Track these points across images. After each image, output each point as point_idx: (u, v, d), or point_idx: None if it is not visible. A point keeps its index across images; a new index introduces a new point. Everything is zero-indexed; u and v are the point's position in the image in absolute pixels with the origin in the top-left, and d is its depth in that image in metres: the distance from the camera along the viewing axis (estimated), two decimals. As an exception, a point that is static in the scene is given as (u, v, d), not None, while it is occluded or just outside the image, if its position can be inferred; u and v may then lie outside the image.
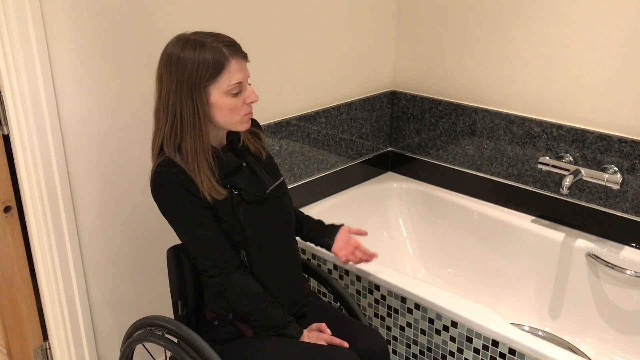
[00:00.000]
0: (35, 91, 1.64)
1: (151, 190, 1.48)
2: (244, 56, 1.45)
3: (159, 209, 1.50)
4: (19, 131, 1.67)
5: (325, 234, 1.78)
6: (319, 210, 2.38)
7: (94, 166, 1.82)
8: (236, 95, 1.44)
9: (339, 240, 1.77)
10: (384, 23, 2.59)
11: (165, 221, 1.52)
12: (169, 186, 1.44)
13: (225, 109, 1.44)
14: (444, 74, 2.53)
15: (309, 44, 2.31)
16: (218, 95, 1.43)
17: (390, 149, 2.80)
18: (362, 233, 1.83)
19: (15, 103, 1.65)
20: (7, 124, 1.70)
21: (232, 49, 1.42)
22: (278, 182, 1.61)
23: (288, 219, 1.65)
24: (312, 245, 1.83)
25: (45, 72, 1.64)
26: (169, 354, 1.66)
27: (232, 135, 1.58)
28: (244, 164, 1.56)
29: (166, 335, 1.57)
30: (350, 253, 1.77)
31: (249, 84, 1.49)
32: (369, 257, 1.81)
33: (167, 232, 1.66)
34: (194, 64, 1.39)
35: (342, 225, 1.81)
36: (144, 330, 1.62)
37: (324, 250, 1.81)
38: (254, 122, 1.65)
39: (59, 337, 1.91)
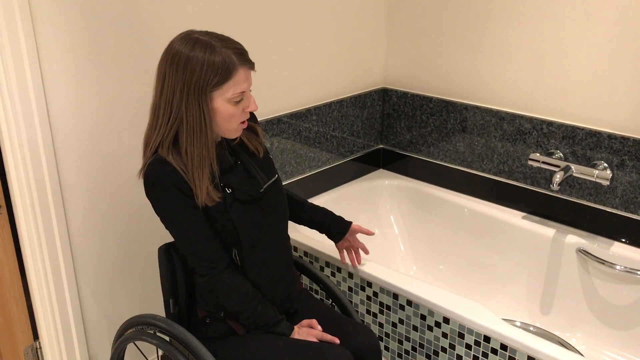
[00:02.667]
0: (24, 90, 1.62)
1: (144, 188, 1.48)
2: (252, 66, 1.43)
3: (152, 207, 1.49)
4: (8, 130, 1.66)
5: (333, 232, 1.87)
6: (311, 208, 2.38)
7: (84, 164, 1.81)
8: (237, 103, 1.43)
9: (346, 240, 1.89)
10: (375, 20, 2.59)
11: (157, 220, 1.51)
12: (161, 185, 1.43)
13: (224, 116, 1.42)
14: (434, 71, 2.53)
15: (300, 42, 2.31)
16: (220, 101, 1.40)
17: (381, 146, 2.80)
18: (370, 233, 1.90)
19: (3, 102, 1.63)
20: (-5, 122, 1.69)
21: (242, 57, 1.40)
22: (272, 179, 1.61)
23: (282, 217, 1.65)
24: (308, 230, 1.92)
25: (34, 70, 1.63)
26: (160, 352, 1.66)
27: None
28: (238, 162, 1.55)
29: (158, 334, 1.56)
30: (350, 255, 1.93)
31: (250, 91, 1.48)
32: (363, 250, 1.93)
33: (158, 231, 1.66)
34: (203, 67, 1.36)
35: (351, 223, 1.87)
36: (135, 329, 1.61)
37: (316, 247, 1.81)
38: (251, 116, 1.63)
39: (49, 336, 1.89)
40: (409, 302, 1.89)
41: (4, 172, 1.76)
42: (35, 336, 2.00)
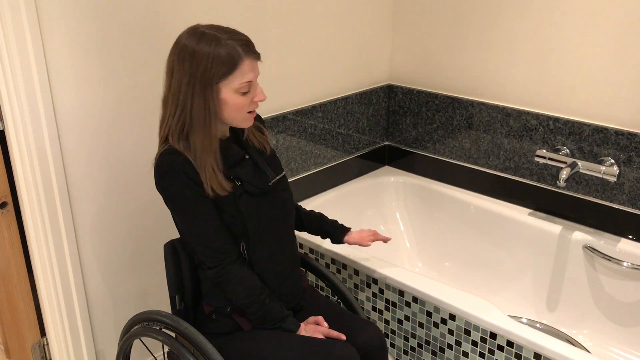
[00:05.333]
0: (30, 86, 1.63)
1: (154, 178, 1.49)
2: (257, 56, 1.46)
3: (162, 197, 1.50)
4: (14, 126, 1.67)
5: (338, 232, 1.85)
6: (316, 205, 2.38)
7: (90, 161, 1.81)
8: (245, 93, 1.45)
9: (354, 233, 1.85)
10: (380, 17, 2.59)
11: (163, 215, 1.52)
12: (172, 174, 1.45)
13: (232, 106, 1.45)
14: (440, 68, 2.53)
15: (305, 38, 2.31)
16: (228, 92, 1.43)
17: (387, 143, 2.80)
18: (386, 239, 1.87)
19: (10, 98, 1.64)
20: (2, 120, 1.70)
21: (247, 48, 1.43)
22: (280, 175, 1.62)
23: (288, 213, 1.66)
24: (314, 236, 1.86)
25: (40, 66, 1.63)
26: (166, 348, 1.66)
27: (236, 128, 1.59)
28: (247, 157, 1.57)
29: (164, 330, 1.56)
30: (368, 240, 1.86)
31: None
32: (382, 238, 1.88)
33: (164, 227, 1.66)
34: (208, 60, 1.39)
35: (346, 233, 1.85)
36: (141, 325, 1.62)
37: (322, 244, 1.80)
38: (257, 117, 1.65)
39: (56, 333, 1.90)
40: (415, 299, 1.89)
41: (11, 169, 1.77)
42: (43, 333, 2.00)
